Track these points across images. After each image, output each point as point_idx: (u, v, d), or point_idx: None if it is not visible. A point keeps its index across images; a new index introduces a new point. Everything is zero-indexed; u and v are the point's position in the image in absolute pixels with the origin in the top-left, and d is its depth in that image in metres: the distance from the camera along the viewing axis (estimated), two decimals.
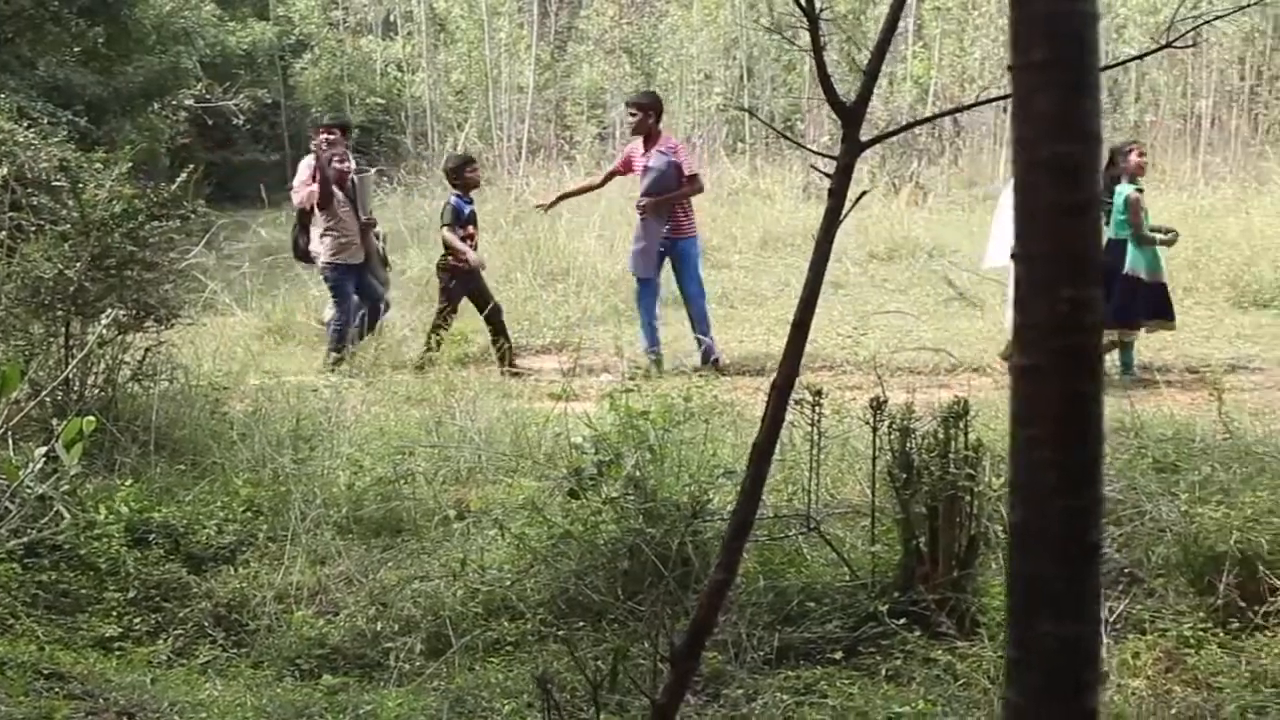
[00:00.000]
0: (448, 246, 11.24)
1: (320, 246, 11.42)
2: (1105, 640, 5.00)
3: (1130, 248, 10.20)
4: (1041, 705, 1.32)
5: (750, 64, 26.29)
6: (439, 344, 10.75)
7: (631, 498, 5.67)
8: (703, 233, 16.56)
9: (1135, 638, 5.09)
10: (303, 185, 11.70)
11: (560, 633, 5.30)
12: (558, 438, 7.23)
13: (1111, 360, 10.20)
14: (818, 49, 2.89)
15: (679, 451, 6.07)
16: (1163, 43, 3.07)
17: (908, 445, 5.44)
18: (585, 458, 5.96)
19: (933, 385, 8.46)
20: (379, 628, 5.51)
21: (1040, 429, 1.27)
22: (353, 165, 11.85)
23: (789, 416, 5.95)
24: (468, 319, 11.54)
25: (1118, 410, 7.46)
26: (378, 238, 12.09)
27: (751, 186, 20.03)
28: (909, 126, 7.22)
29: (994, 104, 26.01)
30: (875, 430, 5.59)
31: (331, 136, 11.66)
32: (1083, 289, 1.25)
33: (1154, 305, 10.31)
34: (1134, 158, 10.52)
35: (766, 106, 26.19)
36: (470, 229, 11.33)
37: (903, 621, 5.17)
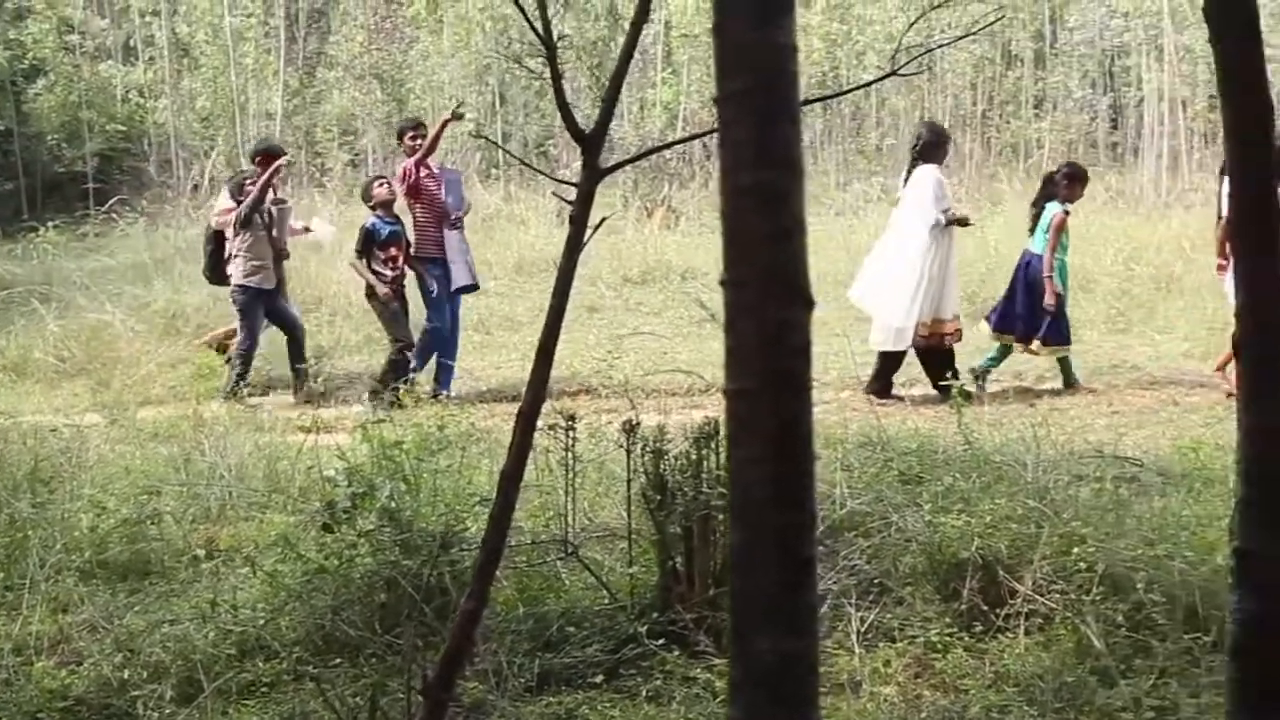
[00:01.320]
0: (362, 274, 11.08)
1: (233, 268, 11.24)
2: (858, 650, 5.14)
3: (1059, 266, 10.54)
4: None
5: (503, 90, 26.33)
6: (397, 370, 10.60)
7: (387, 529, 5.59)
8: None
9: (886, 646, 5.23)
10: (223, 211, 11.55)
11: (316, 671, 5.18)
12: (310, 471, 7.09)
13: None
14: (556, 77, 2.91)
15: (434, 481, 6.01)
16: (891, 70, 3.18)
17: (661, 467, 5.49)
18: (338, 490, 5.85)
19: (687, 406, 8.57)
20: (126, 676, 5.29)
21: (753, 449, 1.30)
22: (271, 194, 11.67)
23: (546, 442, 5.99)
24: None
25: (865, 425, 7.69)
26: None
27: (506, 212, 20.08)
28: (647, 154, 7.35)
29: None
30: (629, 453, 5.63)
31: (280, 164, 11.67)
32: (789, 312, 1.28)
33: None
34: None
35: (520, 132, 26.26)
36: (393, 250, 11.03)
37: (662, 642, 5.21)
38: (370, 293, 11.02)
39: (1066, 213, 10.58)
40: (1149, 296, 14.19)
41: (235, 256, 11.18)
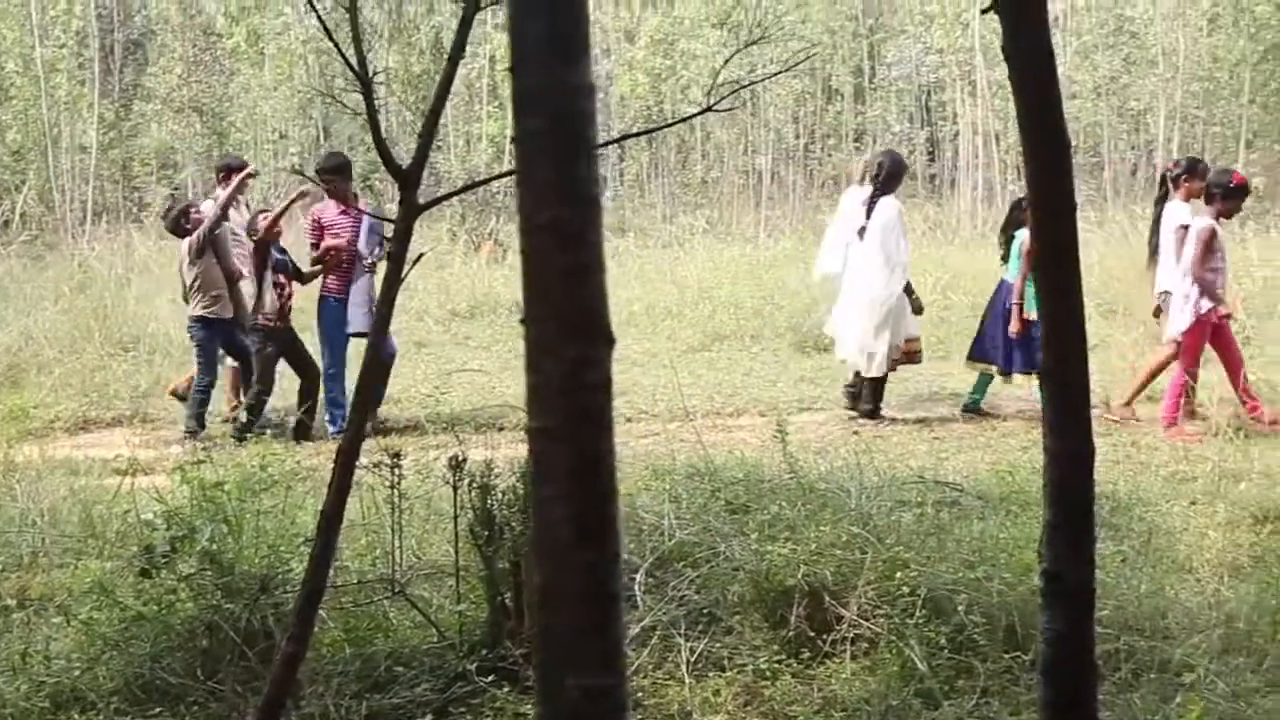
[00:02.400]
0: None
1: (190, 300, 10.88)
2: (687, 680, 5.16)
3: (1030, 292, 10.46)
4: None
5: (327, 123, 26.07)
6: (252, 413, 10.31)
7: (208, 573, 5.45)
8: None
9: (715, 675, 5.25)
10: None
11: None
12: (126, 515, 6.88)
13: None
14: (371, 113, 2.88)
15: (257, 522, 5.88)
16: (707, 105, 3.22)
17: (489, 502, 5.45)
18: (156, 534, 5.68)
19: (515, 440, 8.52)
20: None
21: (555, 487, 1.29)
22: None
23: (372, 480, 5.91)
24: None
25: (693, 456, 7.74)
26: None
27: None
28: (467, 189, 7.31)
29: None
30: (456, 489, 5.58)
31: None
32: (589, 349, 1.28)
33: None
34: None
35: None
36: (281, 276, 10.76)
37: (492, 678, 5.16)
38: (250, 326, 10.76)
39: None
40: (967, 324, 14.55)
41: (193, 287, 10.83)
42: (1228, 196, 9.94)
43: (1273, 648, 5.35)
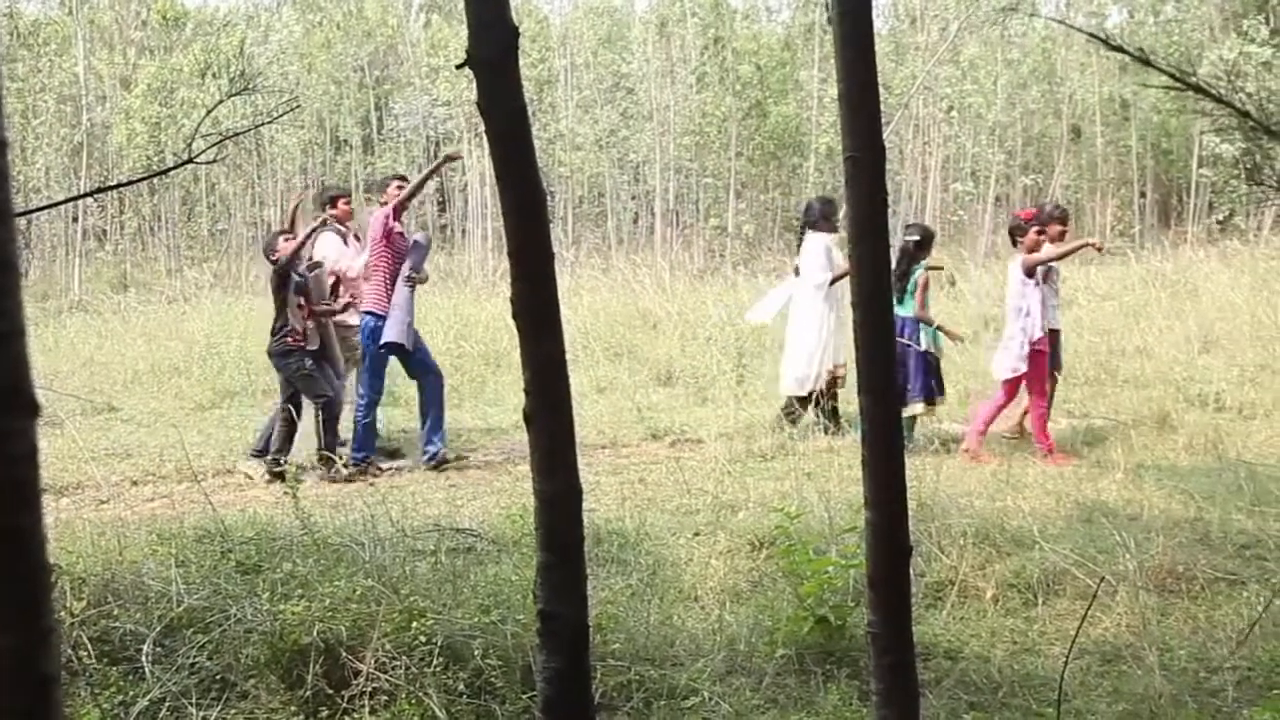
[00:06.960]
0: None
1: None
2: None
3: (923, 326, 10.69)
4: None
5: None
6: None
7: None
8: None
9: None
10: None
11: None
12: None
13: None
14: None
15: None
16: (187, 159, 3.14)
17: None
18: None
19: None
20: None
21: None
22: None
23: None
24: None
25: (203, 518, 7.48)
26: None
27: None
28: None
29: (62, 213, 25.31)
30: None
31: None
32: (10, 420, 1.21)
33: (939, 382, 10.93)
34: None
35: None
36: (301, 299, 10.58)
37: None
38: (288, 349, 10.39)
39: (927, 269, 10.92)
40: (479, 371, 14.85)
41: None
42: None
43: (770, 666, 5.69)
